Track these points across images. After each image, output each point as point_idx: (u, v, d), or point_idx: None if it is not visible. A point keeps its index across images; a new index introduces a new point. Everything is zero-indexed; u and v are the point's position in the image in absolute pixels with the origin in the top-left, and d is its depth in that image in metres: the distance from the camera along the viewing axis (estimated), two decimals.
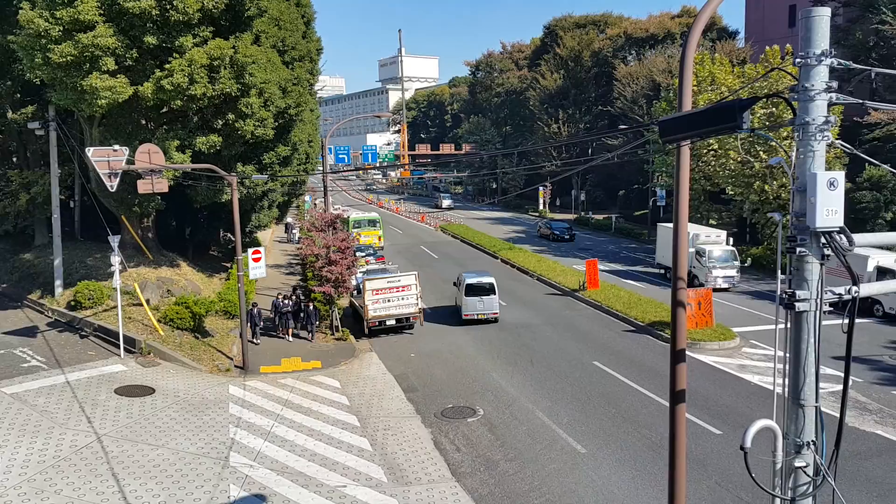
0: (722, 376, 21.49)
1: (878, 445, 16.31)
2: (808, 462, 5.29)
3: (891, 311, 27.68)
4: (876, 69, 5.50)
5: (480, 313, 28.07)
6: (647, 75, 62.06)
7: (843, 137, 38.39)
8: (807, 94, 4.97)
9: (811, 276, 5.07)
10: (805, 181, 4.96)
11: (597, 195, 73.70)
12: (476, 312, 28.08)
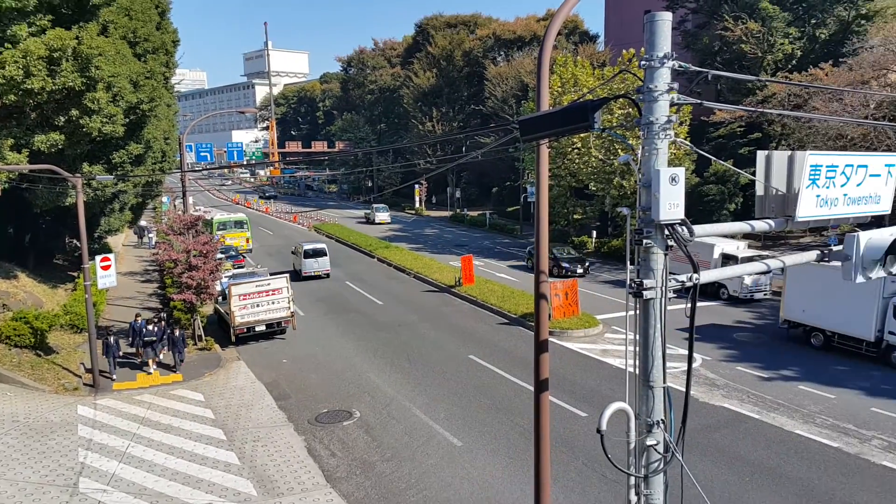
0: (587, 361, 22.70)
1: (725, 417, 17.89)
2: (658, 440, 5.68)
3: (734, 294, 30.46)
4: (712, 71, 5.98)
5: (316, 271, 38.04)
6: (516, 76, 64.28)
7: (692, 135, 41.92)
8: (651, 94, 5.31)
9: (657, 266, 5.44)
10: (650, 177, 5.31)
11: (471, 192, 75.38)
12: (313, 270, 37.98)
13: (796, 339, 24.33)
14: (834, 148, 31.88)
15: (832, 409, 18.17)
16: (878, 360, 21.82)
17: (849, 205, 6.94)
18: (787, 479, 14.52)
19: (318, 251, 38.40)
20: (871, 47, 34.99)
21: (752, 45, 42.34)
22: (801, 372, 21.22)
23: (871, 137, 32.22)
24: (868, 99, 32.57)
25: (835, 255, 7.03)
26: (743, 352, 23.55)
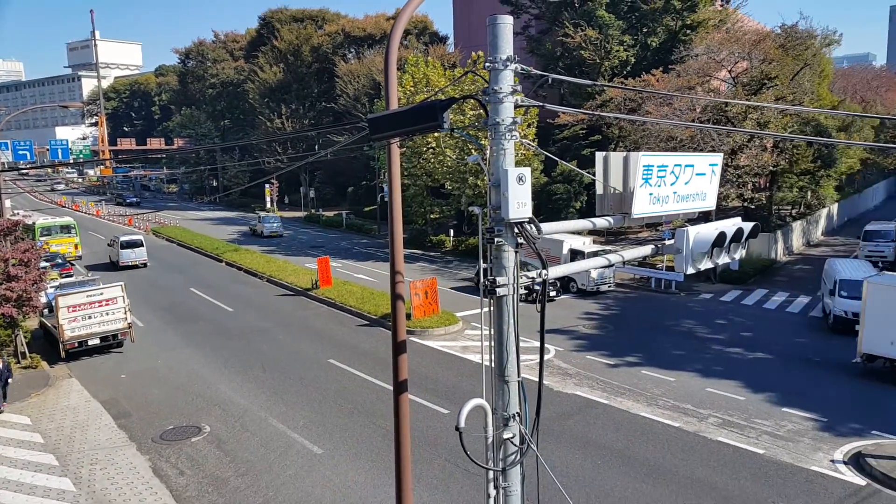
0: (448, 359, 23.17)
1: (577, 405, 18.99)
2: (514, 433, 5.91)
3: (583, 287, 32.43)
4: (553, 75, 6.29)
5: (133, 261, 40.55)
6: (368, 74, 64.12)
7: (540, 136, 44.03)
8: (496, 96, 5.50)
9: (508, 264, 5.65)
10: (499, 177, 5.50)
11: (326, 192, 74.22)
12: (130, 260, 40.42)
13: (875, 373, 20.86)
14: (666, 149, 34.88)
15: (672, 391, 19.87)
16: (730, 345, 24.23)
17: (678, 202, 7.58)
18: (635, 460, 15.67)
19: (134, 242, 41.14)
20: (695, 55, 38.66)
21: (591, 52, 45.25)
22: (643, 358, 23.01)
23: (697, 139, 35.59)
24: (694, 103, 35.99)
25: (667, 249, 7.67)
26: (592, 341, 25.13)
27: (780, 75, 36.13)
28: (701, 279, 34.09)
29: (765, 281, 34.76)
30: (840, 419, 17.70)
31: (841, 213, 55.10)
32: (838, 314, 25.28)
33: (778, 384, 20.32)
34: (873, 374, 21.04)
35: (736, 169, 35.15)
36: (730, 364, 22.32)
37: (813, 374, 21.33)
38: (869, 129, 56.28)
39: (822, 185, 47.76)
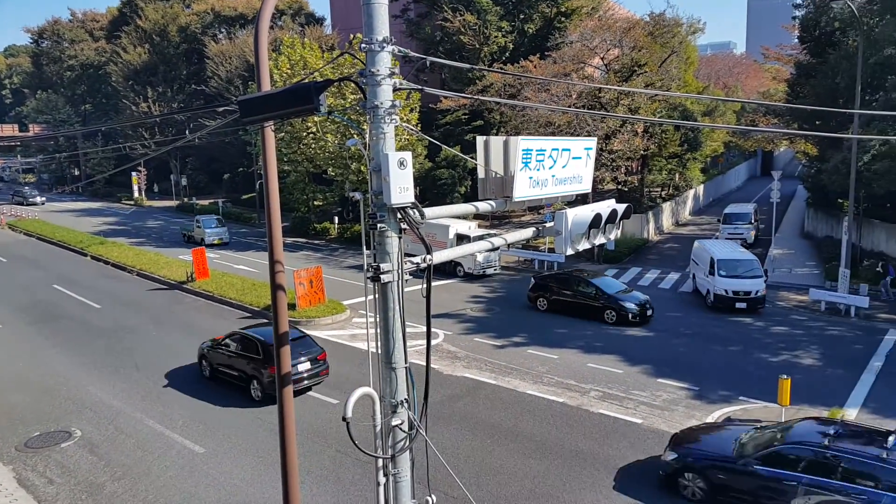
0: (336, 348, 22.91)
1: (467, 386, 19.38)
2: (403, 419, 5.93)
3: (469, 271, 33.02)
4: (431, 58, 6.30)
5: None
6: (241, 55, 61.64)
7: (423, 121, 44.13)
8: (374, 78, 5.43)
9: (392, 249, 5.63)
10: (379, 161, 5.45)
11: (200, 179, 70.89)
12: None
13: (742, 341, 23.00)
14: (545, 134, 36.07)
15: (556, 369, 20.70)
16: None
17: (557, 185, 7.83)
18: (523, 436, 16.22)
19: None
20: (570, 42, 40.11)
21: (470, 37, 45.84)
22: (528, 338, 23.80)
23: (574, 124, 37.03)
24: (570, 89, 37.37)
25: (547, 231, 7.92)
26: (479, 324, 25.69)
27: (649, 62, 38.20)
28: (583, 259, 35.65)
29: (639, 259, 36.89)
30: (711, 387, 19.14)
31: (707, 194, 59.35)
32: (719, 293, 26.59)
33: (653, 357, 21.68)
34: (740, 343, 22.93)
35: (610, 153, 36.93)
36: (609, 340, 23.55)
37: (685, 347, 22.93)
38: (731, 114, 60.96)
39: (689, 167, 51.23)
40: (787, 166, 78.80)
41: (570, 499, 13.46)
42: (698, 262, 29.55)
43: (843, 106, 32.18)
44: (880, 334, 23.68)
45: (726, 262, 27.13)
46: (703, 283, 28.22)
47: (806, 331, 24.41)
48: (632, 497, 13.48)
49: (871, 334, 23.74)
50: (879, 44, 30.67)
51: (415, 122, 39.90)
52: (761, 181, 74.74)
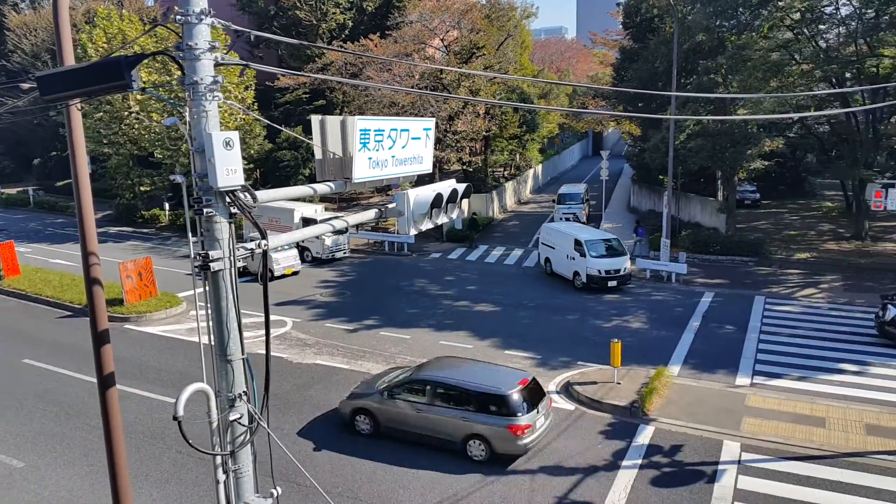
0: (172, 344, 21.66)
1: (318, 373, 19.11)
2: (242, 413, 5.71)
3: (318, 255, 32.43)
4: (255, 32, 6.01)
5: None
6: (48, 27, 55.77)
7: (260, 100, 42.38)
8: (192, 52, 5.09)
9: (222, 236, 5.35)
10: (202, 142, 5.14)
11: (6, 165, 63.52)
12: None
13: (579, 310, 24.71)
14: (389, 114, 36.06)
15: (409, 348, 20.96)
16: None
17: (398, 165, 7.86)
18: None
19: None
20: (410, 22, 40.24)
21: (307, 12, 44.61)
22: (381, 320, 23.87)
23: (418, 105, 37.36)
24: (413, 70, 37.59)
25: (390, 212, 7.94)
26: (330, 309, 25.37)
27: (487, 45, 39.33)
28: (431, 239, 36.28)
29: (485, 238, 38.15)
30: (553, 355, 20.29)
31: (545, 173, 62.50)
32: (593, 273, 26.94)
33: (501, 330, 22.60)
34: (577, 312, 24.47)
35: (455, 134, 37.74)
36: (459, 317, 24.21)
37: (529, 318, 24.10)
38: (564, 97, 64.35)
39: (528, 147, 53.57)
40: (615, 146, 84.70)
41: (424, 477, 13.74)
42: (554, 245, 29.32)
43: (662, 89, 35.15)
44: (697, 297, 26.27)
45: (595, 243, 27.55)
46: (568, 265, 28.01)
47: (634, 297, 26.54)
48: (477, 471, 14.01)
49: (689, 297, 26.28)
50: (692, 30, 33.73)
51: (250, 100, 38.23)
52: (593, 160, 79.82)
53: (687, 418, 15.99)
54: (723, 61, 31.48)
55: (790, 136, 40.76)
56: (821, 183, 48.90)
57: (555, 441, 14.97)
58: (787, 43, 32.57)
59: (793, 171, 47.25)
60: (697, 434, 15.25)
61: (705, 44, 33.85)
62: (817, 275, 28.74)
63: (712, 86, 32.22)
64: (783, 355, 19.99)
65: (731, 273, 29.41)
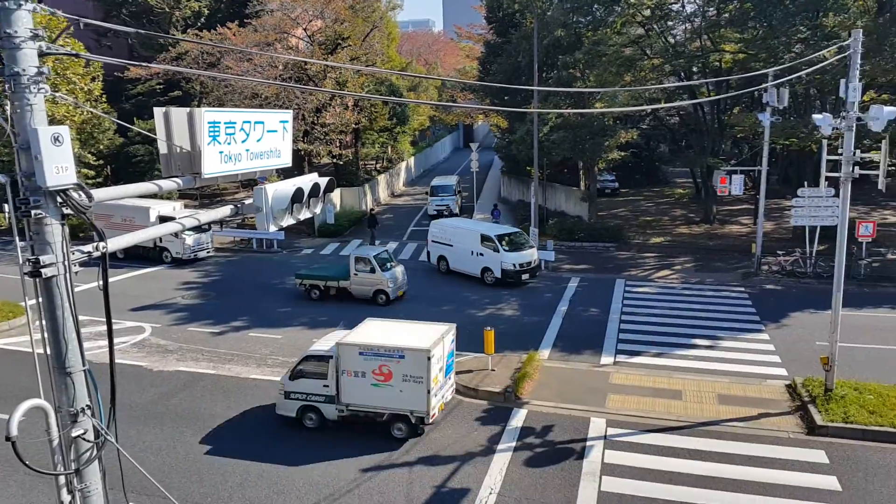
0: (15, 358, 19.91)
1: (182, 381, 18.26)
2: (86, 428, 5.36)
3: (178, 256, 30.90)
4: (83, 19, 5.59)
5: None
6: None
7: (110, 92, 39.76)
8: (11, 41, 4.69)
9: (55, 239, 4.99)
10: (28, 138, 4.76)
11: None
12: None
13: (455, 301, 25.21)
14: (251, 106, 34.91)
15: (281, 348, 20.48)
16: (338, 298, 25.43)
17: (253, 159, 7.63)
18: (248, 422, 15.78)
19: None
20: (271, 11, 39.12)
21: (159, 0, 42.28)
22: (250, 320, 23.15)
23: (282, 97, 36.42)
24: (276, 60, 36.58)
25: (247, 208, 7.71)
26: (194, 312, 24.28)
27: (352, 36, 38.99)
28: (302, 235, 35.58)
29: (359, 231, 37.91)
30: None
31: (417, 166, 62.97)
32: (508, 268, 26.53)
33: None
34: (453, 303, 24.90)
35: (323, 126, 37.16)
36: (333, 312, 23.93)
37: (406, 311, 24.23)
38: (433, 90, 65.07)
39: (400, 140, 53.79)
40: (485, 138, 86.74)
41: (302, 477, 13.53)
42: (451, 243, 28.49)
43: (526, 83, 36.40)
44: (565, 282, 27.55)
45: (505, 237, 27.55)
46: (475, 262, 27.55)
47: (506, 285, 27.38)
48: None
49: (557, 283, 27.50)
50: (551, 26, 35.16)
51: (98, 92, 35.69)
52: (464, 153, 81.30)
53: (557, 399, 16.76)
54: (580, 56, 33.10)
55: (644, 128, 43.62)
56: (673, 171, 52.65)
57: (432, 432, 15.21)
58: (638, 38, 34.75)
59: (648, 161, 50.57)
60: (567, 413, 16.02)
61: (564, 39, 35.39)
62: (671, 257, 30.98)
63: (571, 80, 33.79)
64: (642, 334, 21.42)
65: (595, 259, 31.07)
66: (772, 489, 12.76)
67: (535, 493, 12.83)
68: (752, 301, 24.58)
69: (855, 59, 15.20)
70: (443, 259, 29.06)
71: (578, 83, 33.64)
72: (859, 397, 15.61)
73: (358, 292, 25.04)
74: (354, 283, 25.00)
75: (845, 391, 15.86)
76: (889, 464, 13.61)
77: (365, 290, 24.92)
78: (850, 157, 15.25)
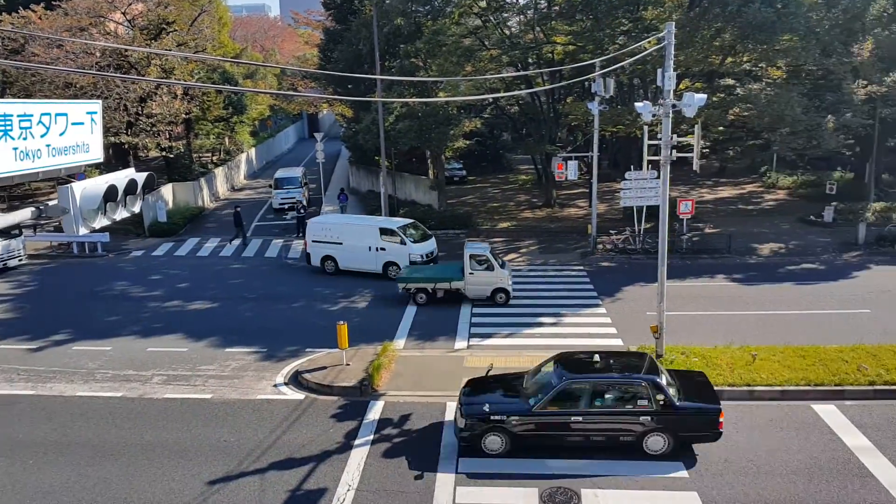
0: None
1: None
2: None
3: None
4: None
5: None
6: None
7: None
8: None
9: None
10: None
11: None
12: None
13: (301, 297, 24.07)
14: (65, 96, 31.90)
15: (111, 361, 18.96)
16: None
17: (56, 155, 6.92)
18: (76, 445, 14.48)
19: None
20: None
21: None
22: (73, 333, 21.24)
23: (101, 86, 33.58)
24: (91, 46, 33.62)
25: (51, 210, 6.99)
26: (5, 327, 21.92)
27: (178, 20, 36.74)
28: (131, 235, 33.21)
29: (196, 229, 36.00)
30: (279, 346, 19.90)
31: (259, 157, 60.76)
32: (416, 260, 26.13)
33: (220, 328, 21.53)
34: (303, 299, 24.30)
35: (149, 117, 34.76)
36: (170, 319, 22.56)
37: (252, 311, 23.34)
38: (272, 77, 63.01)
39: (238, 131, 51.61)
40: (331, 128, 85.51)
41: (140, 498, 12.60)
42: (341, 241, 27.01)
43: (368, 71, 36.19)
44: None
45: (406, 228, 26.91)
46: (375, 258, 26.65)
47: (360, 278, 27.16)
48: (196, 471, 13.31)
49: None
50: (390, 14, 35.16)
51: None
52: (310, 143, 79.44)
53: (413, 387, 16.89)
54: (421, 46, 33.39)
55: (486, 117, 44.92)
56: (517, 158, 54.79)
57: (285, 434, 14.76)
58: (476, 29, 35.63)
59: (492, 149, 52.26)
60: (423, 401, 16.18)
61: (404, 28, 35.55)
62: (517, 241, 32.25)
63: (414, 69, 34.03)
64: (494, 316, 22.12)
65: (446, 245, 31.54)
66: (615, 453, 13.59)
67: (393, 484, 12.83)
68: (590, 279, 26.15)
69: (669, 50, 16.48)
70: (329, 259, 27.37)
71: (421, 72, 33.94)
72: (686, 360, 17.09)
73: (474, 293, 23.44)
74: (470, 283, 23.32)
75: (674, 356, 17.29)
76: None
77: (482, 290, 23.34)
78: (668, 141, 16.54)
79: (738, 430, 14.44)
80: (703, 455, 13.49)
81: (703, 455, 13.49)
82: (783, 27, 28.29)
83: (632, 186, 27.65)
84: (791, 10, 28.27)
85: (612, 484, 12.61)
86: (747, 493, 12.29)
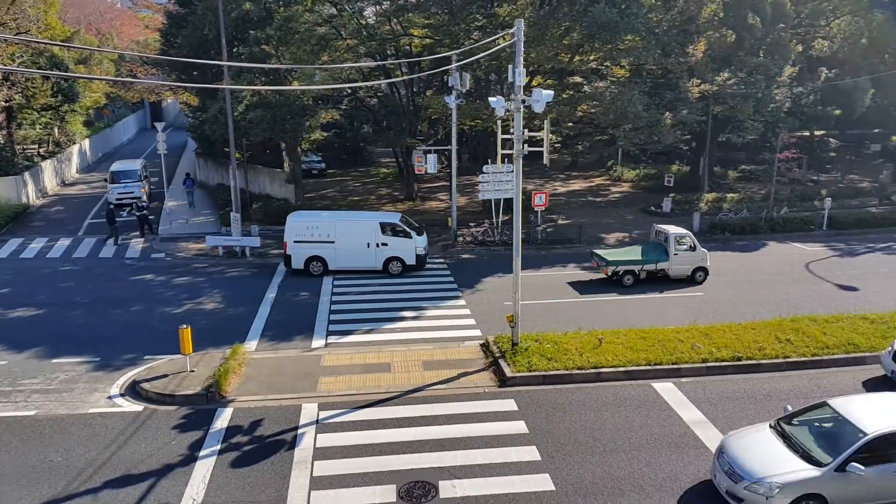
0: None
1: None
2: None
3: None
4: None
5: None
6: None
7: None
8: None
9: None
10: None
11: None
12: None
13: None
14: None
15: None
16: None
17: None
18: None
19: None
20: None
21: None
22: None
23: None
24: None
25: None
26: None
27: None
28: None
29: (20, 229, 32.82)
30: (114, 354, 18.48)
31: (94, 149, 56.35)
32: (421, 253, 25.87)
33: (46, 336, 19.71)
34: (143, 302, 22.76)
35: None
36: None
37: (84, 317, 21.54)
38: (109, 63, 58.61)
39: (69, 120, 47.58)
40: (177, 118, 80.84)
41: None
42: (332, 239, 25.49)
43: (215, 57, 34.50)
44: (273, 268, 26.90)
45: (388, 224, 25.73)
46: (375, 255, 25.68)
47: (207, 277, 25.91)
48: None
49: (265, 270, 26.76)
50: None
51: None
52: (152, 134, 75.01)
53: (266, 391, 16.28)
54: (272, 32, 32.29)
55: (345, 108, 44.32)
56: (378, 151, 54.57)
57: (121, 450, 13.70)
58: (331, 18, 34.96)
59: (353, 141, 51.69)
60: (277, 404, 15.63)
61: (254, 13, 34.23)
62: None
63: (265, 56, 32.87)
64: (353, 312, 21.85)
65: None
66: (471, 442, 13.86)
67: (242, 495, 12.27)
68: (450, 271, 26.54)
69: (519, 47, 16.95)
70: (316, 260, 25.70)
71: (273, 60, 32.84)
72: (540, 347, 17.74)
73: (677, 272, 24.92)
74: (675, 264, 24.81)
75: (528, 343, 17.89)
76: (564, 401, 15.68)
77: (684, 270, 24.94)
78: (520, 135, 17.04)
79: (586, 410, 15.19)
80: (554, 437, 14.05)
81: (553, 437, 14.05)
82: (626, 27, 30.02)
83: (489, 180, 28.30)
84: (633, 11, 30.08)
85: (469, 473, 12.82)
86: (594, 471, 12.93)
